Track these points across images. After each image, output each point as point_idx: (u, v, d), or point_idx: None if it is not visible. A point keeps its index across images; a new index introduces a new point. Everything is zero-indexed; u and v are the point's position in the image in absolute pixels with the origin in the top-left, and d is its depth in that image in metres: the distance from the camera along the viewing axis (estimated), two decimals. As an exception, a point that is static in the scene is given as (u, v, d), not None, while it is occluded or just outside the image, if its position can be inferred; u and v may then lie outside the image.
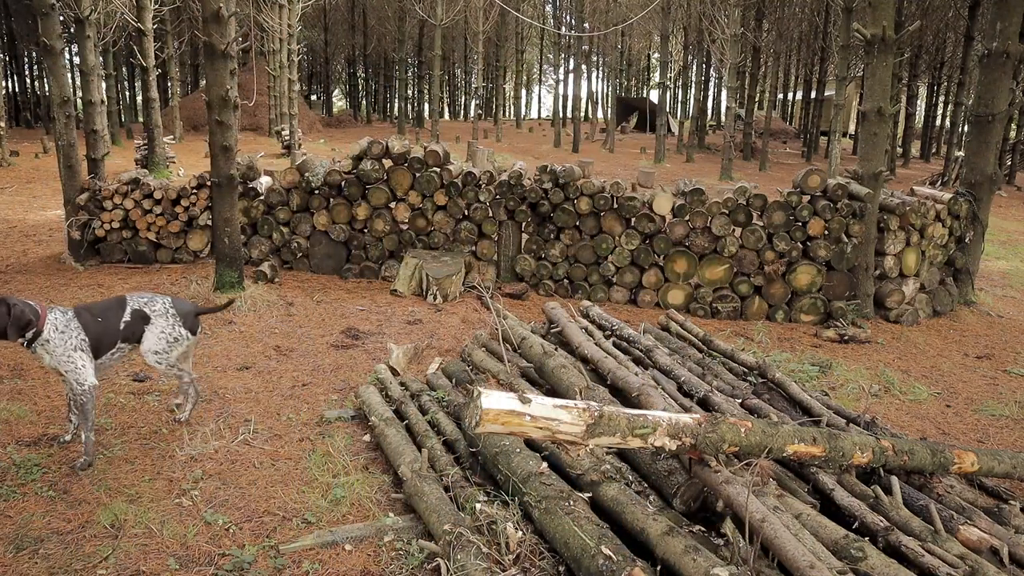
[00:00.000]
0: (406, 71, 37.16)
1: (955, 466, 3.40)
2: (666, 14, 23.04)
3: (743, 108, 26.87)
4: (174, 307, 3.90)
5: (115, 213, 7.62)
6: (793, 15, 26.15)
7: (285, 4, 19.43)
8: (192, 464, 3.60)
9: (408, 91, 42.58)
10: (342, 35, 40.09)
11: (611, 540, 2.61)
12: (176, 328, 3.89)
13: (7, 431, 3.85)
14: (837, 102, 15.67)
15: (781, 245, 6.83)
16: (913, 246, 7.03)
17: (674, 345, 5.32)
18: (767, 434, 2.93)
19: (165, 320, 3.86)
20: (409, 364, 5.18)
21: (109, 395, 4.35)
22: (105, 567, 2.79)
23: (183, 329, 3.91)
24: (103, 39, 15.06)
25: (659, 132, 22.79)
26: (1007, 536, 3.03)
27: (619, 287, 7.22)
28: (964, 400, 5.21)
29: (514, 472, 3.14)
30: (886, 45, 6.63)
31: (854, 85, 25.88)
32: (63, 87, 7.67)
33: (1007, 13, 7.28)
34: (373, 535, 3.04)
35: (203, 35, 6.44)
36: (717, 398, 4.06)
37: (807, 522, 2.84)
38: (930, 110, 31.47)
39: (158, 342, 3.85)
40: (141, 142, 15.91)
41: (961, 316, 7.40)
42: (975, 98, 7.75)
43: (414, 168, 7.39)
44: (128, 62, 29.96)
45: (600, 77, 43.93)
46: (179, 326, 3.90)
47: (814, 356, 5.85)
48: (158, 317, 3.84)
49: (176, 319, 3.88)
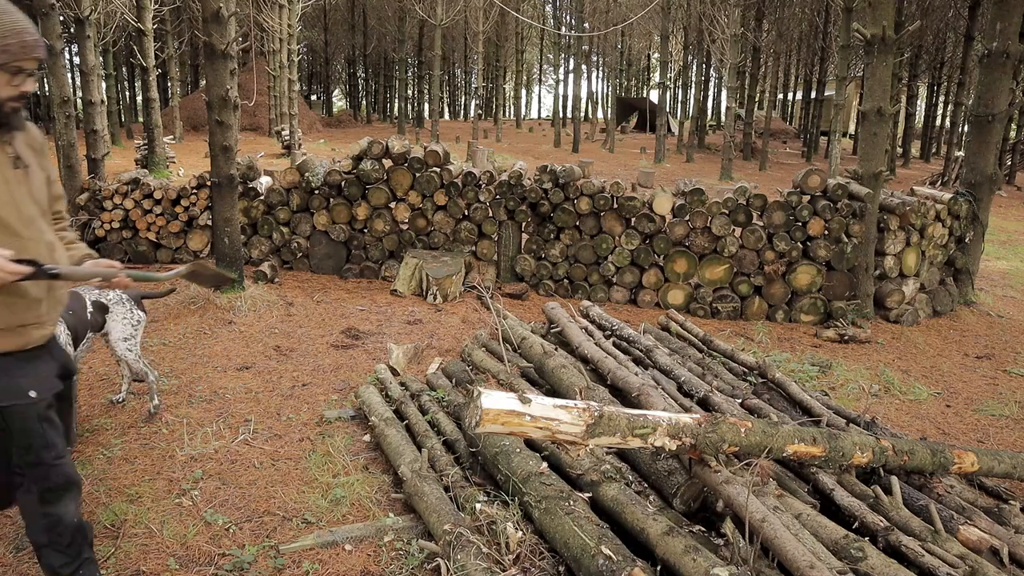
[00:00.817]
0: (406, 71, 37.15)
1: (955, 466, 3.40)
2: (666, 14, 23.04)
3: (743, 108, 26.87)
4: (124, 292, 4.01)
5: (115, 213, 7.62)
6: (793, 15, 26.15)
7: (285, 4, 19.43)
8: (192, 464, 3.60)
9: (408, 91, 42.58)
10: (342, 35, 40.11)
11: (611, 540, 2.61)
12: (134, 311, 4.02)
13: (7, 431, 3.85)
14: (837, 102, 15.67)
15: (781, 245, 6.83)
16: (913, 246, 7.03)
17: (674, 345, 5.32)
18: (767, 434, 2.93)
19: (122, 306, 3.98)
20: (409, 364, 5.18)
21: (109, 395, 4.35)
22: (105, 567, 2.79)
23: (139, 311, 4.06)
24: (103, 39, 15.07)
25: (659, 132, 22.79)
26: (1007, 536, 3.04)
27: (619, 287, 7.22)
28: (964, 400, 5.21)
29: (514, 472, 3.14)
30: (886, 45, 6.63)
31: (854, 85, 25.88)
32: (63, 87, 7.67)
33: (1007, 13, 7.28)
34: (373, 535, 3.04)
35: (203, 35, 6.44)
36: (717, 398, 4.06)
37: (807, 522, 2.84)
38: (930, 110, 31.47)
39: (124, 328, 3.97)
40: (141, 142, 15.91)
41: (961, 316, 7.41)
42: (975, 98, 7.75)
43: (414, 168, 7.39)
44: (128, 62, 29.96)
45: (600, 77, 43.97)
46: (136, 308, 4.04)
47: (814, 356, 5.85)
48: (115, 305, 3.96)
49: (131, 303, 4.02)
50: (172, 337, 5.51)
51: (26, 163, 2.10)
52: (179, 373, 4.79)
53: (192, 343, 5.41)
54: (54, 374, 2.21)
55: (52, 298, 2.19)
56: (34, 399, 2.09)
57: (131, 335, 3.99)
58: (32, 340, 2.13)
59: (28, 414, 2.09)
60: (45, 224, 2.15)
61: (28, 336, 2.12)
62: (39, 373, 2.14)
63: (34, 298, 2.10)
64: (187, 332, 5.64)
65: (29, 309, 2.09)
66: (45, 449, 2.14)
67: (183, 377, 4.72)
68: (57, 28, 7.63)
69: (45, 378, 2.15)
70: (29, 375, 2.10)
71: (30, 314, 2.10)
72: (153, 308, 6.25)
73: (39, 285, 2.10)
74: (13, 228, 2.02)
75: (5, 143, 2.04)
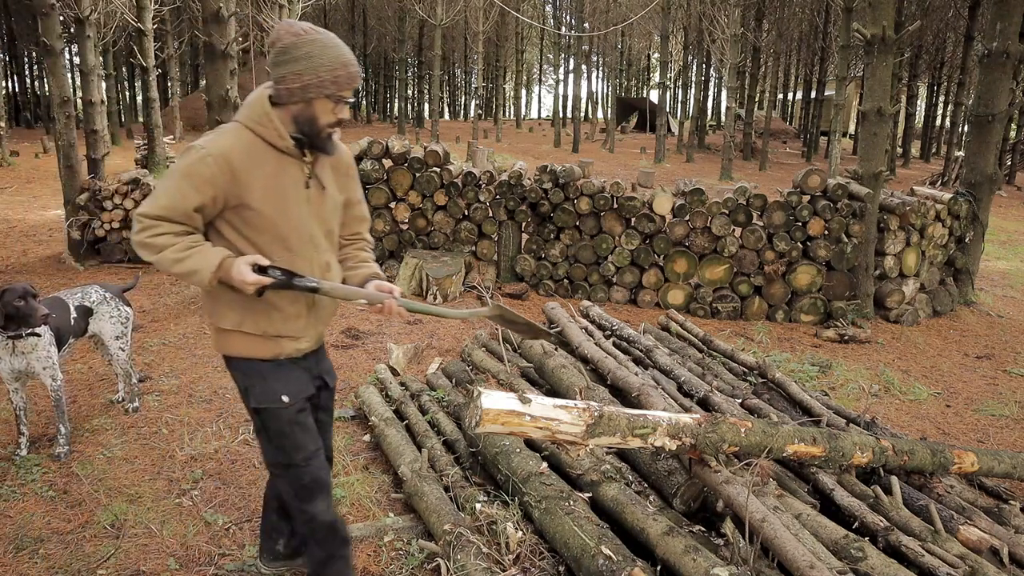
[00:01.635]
0: (406, 71, 37.15)
1: (955, 466, 3.40)
2: (666, 14, 23.04)
3: (743, 108, 26.87)
4: (106, 290, 3.97)
5: (115, 213, 7.62)
6: (793, 15, 26.16)
7: (285, 4, 19.42)
8: (192, 464, 3.60)
9: (408, 91, 42.58)
10: (342, 35, 39.94)
11: (611, 540, 2.61)
12: (120, 307, 3.97)
13: (7, 431, 3.85)
14: (837, 102, 15.66)
15: (781, 245, 6.83)
16: (913, 246, 7.03)
17: (674, 345, 5.32)
18: (767, 434, 2.93)
19: (108, 305, 3.93)
20: (409, 364, 5.18)
21: (109, 395, 4.35)
22: (105, 567, 2.79)
23: (125, 307, 4.00)
24: (103, 39, 15.06)
25: (659, 132, 22.79)
26: (1008, 536, 3.03)
27: (619, 287, 7.22)
28: (964, 400, 5.21)
29: (514, 472, 3.14)
30: (886, 45, 6.63)
31: (854, 85, 25.87)
32: (63, 87, 7.67)
33: (1007, 13, 7.28)
34: (373, 535, 3.04)
35: (203, 35, 6.44)
36: (717, 398, 4.06)
37: (807, 522, 2.84)
38: (930, 110, 31.47)
39: (115, 327, 3.91)
40: (141, 142, 15.91)
41: (961, 316, 7.41)
42: (975, 98, 7.75)
43: (414, 168, 7.39)
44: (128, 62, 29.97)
45: (600, 77, 43.97)
46: (122, 305, 3.98)
47: (814, 356, 5.85)
48: (99, 305, 3.90)
49: (115, 300, 3.97)
50: (172, 337, 5.50)
51: (322, 184, 2.18)
52: (179, 373, 4.79)
53: (192, 343, 5.40)
54: (307, 382, 2.31)
55: (314, 315, 2.26)
56: (286, 403, 2.22)
57: (122, 332, 3.95)
58: (285, 351, 2.22)
59: (281, 417, 2.22)
60: (327, 244, 2.23)
61: (282, 347, 2.21)
62: (291, 379, 2.25)
63: (292, 313, 2.19)
64: (187, 332, 5.64)
65: (286, 322, 2.19)
66: (296, 451, 2.26)
67: (183, 377, 4.72)
68: (57, 28, 7.62)
69: (297, 385, 2.26)
70: (282, 380, 2.22)
71: (286, 327, 2.19)
72: (153, 308, 6.25)
73: (297, 301, 2.17)
74: (289, 243, 2.12)
75: (307, 163, 2.13)
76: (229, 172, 2.00)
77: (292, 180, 2.11)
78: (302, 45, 1.97)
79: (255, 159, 2.04)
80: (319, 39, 1.99)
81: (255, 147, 2.05)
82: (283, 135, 2.05)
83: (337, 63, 1.99)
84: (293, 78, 1.98)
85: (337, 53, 2.00)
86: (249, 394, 2.23)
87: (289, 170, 2.10)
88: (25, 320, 3.30)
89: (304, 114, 2.03)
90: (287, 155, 2.09)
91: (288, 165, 2.10)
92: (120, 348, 3.96)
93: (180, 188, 1.99)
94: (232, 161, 2.00)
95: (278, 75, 2.00)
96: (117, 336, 3.94)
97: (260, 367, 2.21)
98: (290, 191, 2.10)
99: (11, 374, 3.47)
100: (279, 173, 2.08)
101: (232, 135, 2.04)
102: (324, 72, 1.98)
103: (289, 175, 2.10)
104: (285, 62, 1.98)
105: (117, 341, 3.94)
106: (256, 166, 2.04)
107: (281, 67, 1.99)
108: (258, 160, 2.05)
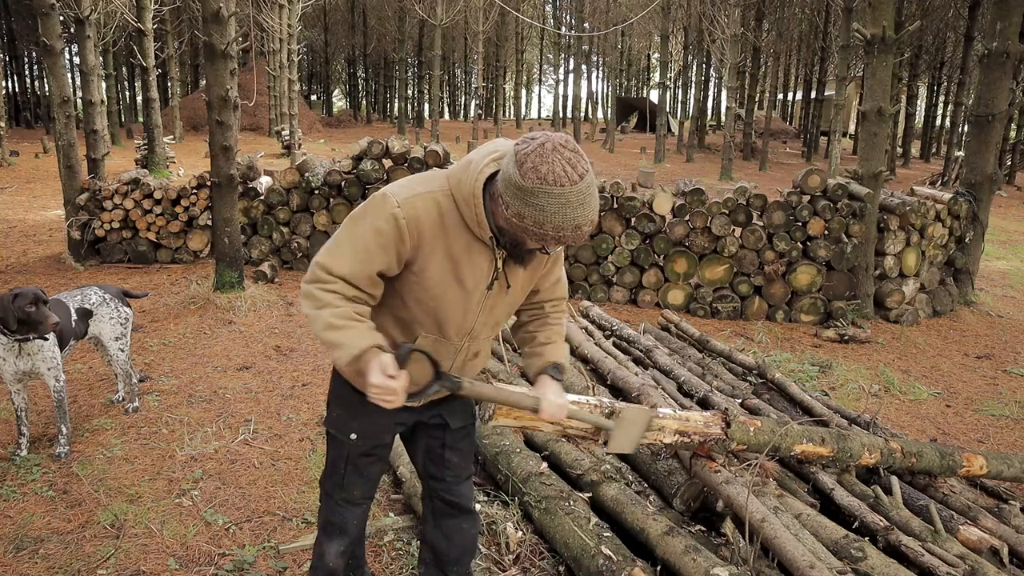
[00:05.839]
0: (406, 71, 37.16)
1: (963, 469, 3.37)
2: (666, 14, 23.05)
3: (743, 108, 26.87)
4: (105, 292, 3.97)
5: (115, 213, 7.62)
6: (793, 15, 26.15)
7: (285, 4, 19.43)
8: (192, 464, 3.60)
9: (408, 91, 42.59)
10: (342, 35, 40.12)
11: (611, 540, 2.61)
12: (120, 308, 3.97)
13: (7, 431, 3.85)
14: (837, 102, 15.68)
15: (781, 245, 6.83)
16: (913, 246, 7.03)
17: (674, 345, 5.32)
18: (775, 433, 2.93)
19: (107, 306, 3.92)
20: (409, 364, 5.17)
21: (109, 395, 4.35)
22: (105, 567, 2.79)
23: (125, 308, 4.00)
24: (103, 39, 15.07)
25: (659, 132, 22.80)
26: (1013, 536, 3.03)
27: (619, 287, 7.22)
28: (964, 400, 5.21)
29: (514, 472, 3.14)
30: (886, 45, 6.63)
31: (854, 85, 25.87)
32: (63, 87, 7.67)
33: (1007, 13, 7.28)
34: (373, 535, 3.04)
35: (203, 35, 6.44)
36: (717, 398, 4.06)
37: (807, 522, 2.84)
38: (930, 110, 31.48)
39: (114, 328, 3.91)
40: (141, 142, 15.91)
41: (961, 316, 7.40)
42: (975, 98, 7.75)
43: (414, 168, 7.39)
44: (128, 62, 29.97)
45: (600, 77, 43.96)
46: (121, 306, 3.98)
47: (814, 356, 5.85)
48: (99, 307, 3.89)
49: (115, 301, 3.96)
50: (172, 337, 5.51)
51: (508, 283, 1.96)
52: (179, 373, 4.79)
53: (192, 343, 5.41)
54: (388, 428, 2.16)
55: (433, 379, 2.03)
56: (352, 441, 2.14)
57: (122, 333, 3.95)
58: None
59: (342, 450, 2.17)
60: (487, 333, 2.06)
61: None
62: (371, 421, 2.11)
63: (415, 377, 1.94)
64: (187, 332, 5.64)
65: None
66: (340, 488, 2.22)
67: (183, 377, 4.72)
68: (57, 28, 7.62)
69: (373, 428, 2.14)
70: (360, 418, 2.11)
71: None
72: (153, 308, 6.25)
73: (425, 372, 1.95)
74: (445, 330, 1.96)
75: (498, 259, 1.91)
76: (417, 238, 1.82)
77: (476, 270, 1.89)
78: (542, 195, 1.66)
79: (448, 229, 1.84)
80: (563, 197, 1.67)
81: (451, 218, 1.83)
82: (483, 226, 1.82)
83: (568, 225, 1.69)
84: (516, 214, 1.71)
85: (574, 216, 1.69)
86: (327, 412, 2.19)
87: (476, 259, 1.87)
88: (35, 327, 3.30)
89: (512, 233, 1.79)
90: (481, 241, 1.86)
91: (477, 253, 1.87)
92: (120, 349, 3.96)
93: (368, 248, 1.82)
94: (423, 230, 1.82)
95: (505, 197, 1.72)
96: (117, 337, 3.93)
97: (349, 396, 2.08)
98: (468, 280, 1.89)
99: (15, 375, 3.47)
100: (465, 258, 1.87)
101: (431, 202, 1.83)
102: (549, 228, 1.70)
103: (475, 264, 1.88)
104: (517, 196, 1.69)
105: (117, 342, 3.94)
106: (445, 237, 1.84)
107: (510, 194, 1.71)
108: (450, 232, 1.84)
